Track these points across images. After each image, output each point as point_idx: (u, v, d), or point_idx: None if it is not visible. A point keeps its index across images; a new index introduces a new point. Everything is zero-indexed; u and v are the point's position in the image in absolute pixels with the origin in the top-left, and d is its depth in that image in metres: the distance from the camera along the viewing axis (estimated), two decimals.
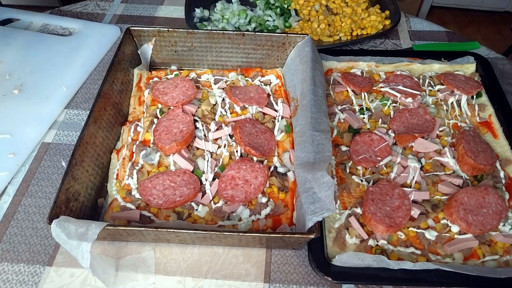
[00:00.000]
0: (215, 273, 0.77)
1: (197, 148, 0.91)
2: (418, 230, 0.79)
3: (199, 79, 1.07)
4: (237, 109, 0.98)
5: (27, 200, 0.88)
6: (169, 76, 1.06)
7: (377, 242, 0.78)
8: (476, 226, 0.77)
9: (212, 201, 0.83)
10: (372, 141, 0.92)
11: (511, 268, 0.75)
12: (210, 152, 0.90)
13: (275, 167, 0.89)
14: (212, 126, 0.93)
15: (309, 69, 0.94)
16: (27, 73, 1.14)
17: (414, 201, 0.83)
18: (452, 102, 1.02)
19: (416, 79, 1.06)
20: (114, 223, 0.77)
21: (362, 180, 0.87)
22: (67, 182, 0.76)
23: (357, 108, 1.01)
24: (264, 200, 0.83)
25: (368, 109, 1.01)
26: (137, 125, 0.95)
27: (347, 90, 1.04)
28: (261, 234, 0.72)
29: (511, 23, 2.74)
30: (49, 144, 0.99)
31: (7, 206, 0.87)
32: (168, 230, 0.69)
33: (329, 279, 0.73)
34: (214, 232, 0.70)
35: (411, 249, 0.77)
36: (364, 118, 0.99)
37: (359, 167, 0.90)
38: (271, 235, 0.71)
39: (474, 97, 1.03)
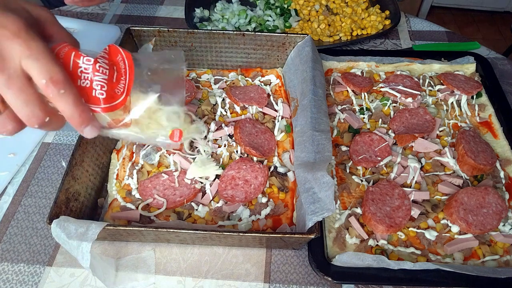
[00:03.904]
0: (215, 273, 0.77)
1: (197, 148, 0.91)
2: (418, 230, 0.79)
3: (199, 79, 1.07)
4: (237, 109, 0.98)
5: (27, 200, 0.88)
6: None
7: (377, 242, 0.78)
8: (476, 226, 0.77)
9: (212, 201, 0.83)
10: (372, 141, 0.92)
11: (511, 268, 0.75)
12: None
13: (275, 167, 0.89)
14: (212, 126, 0.93)
15: (309, 69, 0.94)
16: None
17: (414, 201, 0.83)
18: (452, 102, 1.02)
19: (416, 79, 1.06)
20: (114, 223, 0.77)
21: (362, 180, 0.87)
22: (67, 182, 0.76)
23: (357, 108, 1.01)
24: (264, 200, 0.83)
25: (368, 109, 1.01)
26: None
27: (347, 90, 1.04)
28: (261, 234, 0.72)
29: (511, 23, 2.74)
30: (49, 144, 0.99)
31: (7, 206, 0.87)
32: (168, 230, 0.69)
33: (329, 279, 0.73)
34: (214, 232, 0.70)
35: (411, 249, 0.77)
36: (364, 118, 0.99)
37: (359, 167, 0.90)
38: (271, 235, 0.71)
39: (474, 97, 1.03)
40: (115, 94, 0.57)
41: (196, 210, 0.82)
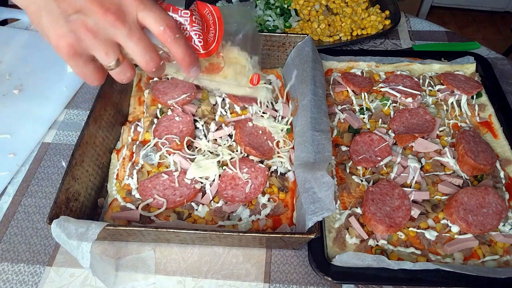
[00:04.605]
0: (215, 273, 0.77)
1: (197, 148, 0.91)
2: (418, 230, 0.79)
3: None
4: (237, 109, 0.98)
5: (27, 200, 0.88)
6: (169, 76, 1.06)
7: (377, 242, 0.78)
8: (476, 226, 0.77)
9: (212, 201, 0.83)
10: (372, 141, 0.92)
11: (511, 268, 0.75)
12: (210, 152, 0.90)
13: (276, 167, 0.89)
14: (212, 126, 0.93)
15: (309, 69, 0.94)
16: (27, 73, 1.14)
17: (414, 201, 0.83)
18: (452, 102, 1.02)
19: (416, 79, 1.06)
20: (114, 223, 0.77)
21: (362, 180, 0.87)
22: (67, 182, 0.76)
23: (357, 108, 1.01)
24: (264, 200, 0.83)
25: (368, 109, 1.01)
26: (137, 125, 0.95)
27: (347, 90, 1.04)
28: (261, 234, 0.72)
29: (511, 23, 2.74)
30: (49, 144, 0.99)
31: (7, 206, 0.87)
32: (168, 230, 0.69)
33: (329, 279, 0.73)
34: (214, 232, 0.70)
35: (411, 249, 0.77)
36: (364, 118, 0.99)
37: (359, 167, 0.90)
38: (271, 235, 0.71)
39: (474, 97, 1.03)
40: (208, 42, 0.67)
41: (196, 210, 0.82)
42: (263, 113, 0.97)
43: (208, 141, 0.91)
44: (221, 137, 0.93)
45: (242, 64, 0.77)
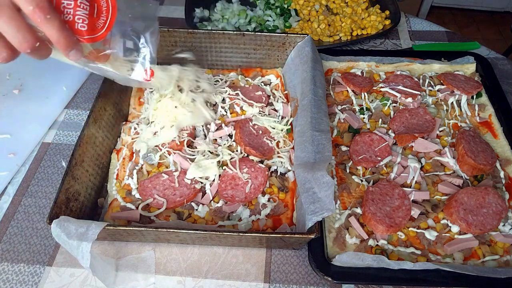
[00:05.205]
0: (215, 273, 0.77)
1: (197, 148, 0.91)
2: (418, 230, 0.79)
3: None
4: (237, 109, 0.98)
5: (27, 200, 0.88)
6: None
7: (377, 242, 0.78)
8: (476, 226, 0.77)
9: (212, 201, 0.83)
10: (372, 141, 0.92)
11: (511, 268, 0.75)
12: (210, 152, 0.90)
13: (276, 167, 0.89)
14: (212, 126, 0.93)
15: (309, 69, 0.94)
16: (27, 73, 1.14)
17: (414, 201, 0.83)
18: (452, 102, 1.02)
19: (416, 79, 1.06)
20: (114, 223, 0.77)
21: (362, 180, 0.87)
22: (67, 182, 0.76)
23: (357, 108, 1.01)
24: (264, 200, 0.83)
25: (368, 109, 1.01)
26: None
27: (347, 90, 1.04)
28: (261, 234, 0.72)
29: (511, 23, 2.74)
30: (49, 144, 0.99)
31: (7, 206, 0.87)
32: (168, 230, 0.69)
33: (329, 279, 0.73)
34: (214, 232, 0.70)
35: (411, 249, 0.77)
36: (364, 118, 0.99)
37: (359, 167, 0.90)
38: (271, 235, 0.71)
39: (474, 97, 1.03)
40: (96, 28, 0.66)
41: (196, 210, 0.82)
42: (260, 111, 0.97)
43: (208, 141, 0.91)
44: (221, 137, 0.93)
45: (134, 60, 0.77)
